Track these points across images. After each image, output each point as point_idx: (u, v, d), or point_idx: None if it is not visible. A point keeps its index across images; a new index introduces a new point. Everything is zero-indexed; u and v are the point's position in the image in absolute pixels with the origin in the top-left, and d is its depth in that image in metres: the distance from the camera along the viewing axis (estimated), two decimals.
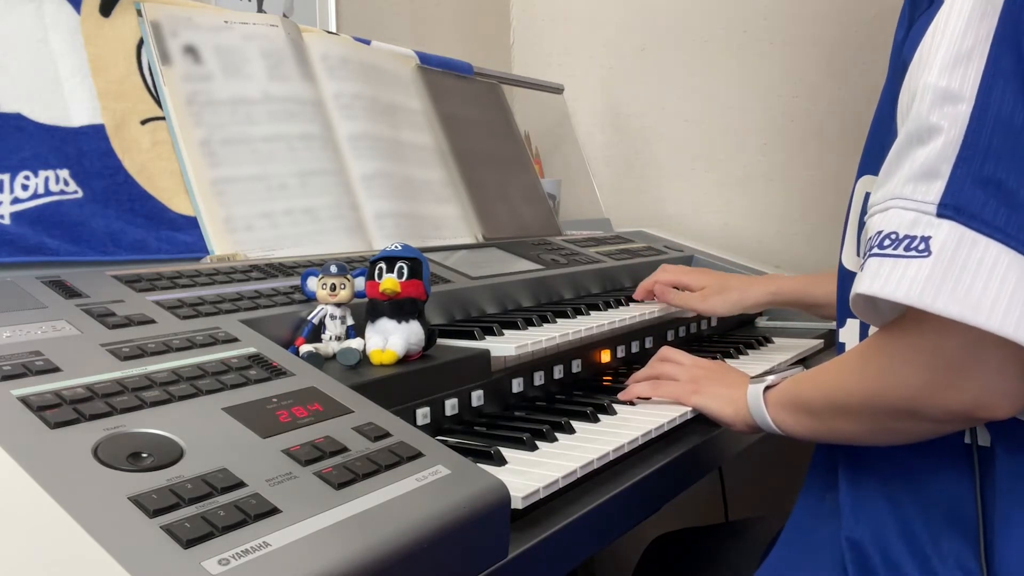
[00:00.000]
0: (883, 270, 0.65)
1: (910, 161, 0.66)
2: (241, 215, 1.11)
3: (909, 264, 0.63)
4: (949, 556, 0.73)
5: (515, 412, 0.98)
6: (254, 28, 1.23)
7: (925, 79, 0.67)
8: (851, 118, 1.83)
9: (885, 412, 0.74)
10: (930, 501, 0.76)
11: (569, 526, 0.73)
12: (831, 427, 0.81)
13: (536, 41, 2.23)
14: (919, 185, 0.65)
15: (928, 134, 0.65)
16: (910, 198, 0.65)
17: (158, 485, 0.52)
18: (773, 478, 1.79)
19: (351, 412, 0.68)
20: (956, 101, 0.65)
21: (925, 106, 0.66)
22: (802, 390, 0.86)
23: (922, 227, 0.64)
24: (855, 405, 0.76)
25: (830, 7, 1.83)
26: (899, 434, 0.76)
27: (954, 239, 0.62)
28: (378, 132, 1.35)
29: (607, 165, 2.14)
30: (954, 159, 0.64)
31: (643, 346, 1.29)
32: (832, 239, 1.84)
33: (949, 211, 0.63)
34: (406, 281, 0.86)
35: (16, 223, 0.93)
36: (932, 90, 0.66)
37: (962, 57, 0.65)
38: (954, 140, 0.64)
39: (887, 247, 0.65)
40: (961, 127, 0.64)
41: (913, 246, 0.64)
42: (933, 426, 0.73)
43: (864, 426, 0.77)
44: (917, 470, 0.78)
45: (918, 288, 0.63)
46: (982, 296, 0.61)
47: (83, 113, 1.02)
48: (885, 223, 0.66)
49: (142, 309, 0.80)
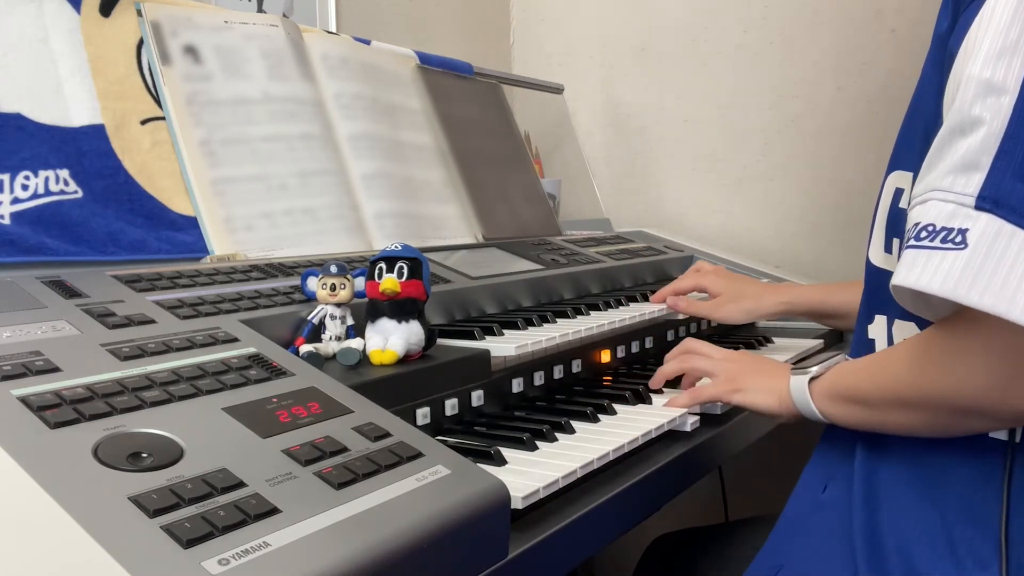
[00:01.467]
0: (919, 262, 0.64)
1: (951, 153, 0.66)
2: (241, 215, 1.11)
3: (945, 256, 0.63)
4: (966, 548, 0.73)
5: (515, 412, 0.98)
6: (254, 28, 1.23)
7: (969, 70, 0.66)
8: (851, 118, 1.83)
9: (948, 409, 0.73)
10: (950, 495, 0.76)
11: (569, 526, 0.73)
12: (886, 419, 0.79)
13: (536, 41, 2.23)
14: (959, 177, 0.64)
15: (970, 126, 0.65)
16: (949, 190, 0.65)
17: (158, 485, 0.52)
18: (773, 478, 1.79)
19: (351, 412, 0.68)
20: (999, 93, 0.64)
21: (968, 97, 0.65)
22: (856, 382, 0.84)
23: (960, 219, 0.63)
24: (917, 400, 0.75)
25: (830, 7, 1.83)
26: (958, 429, 0.75)
27: (991, 232, 0.62)
28: (378, 132, 1.35)
29: (607, 165, 2.14)
30: (995, 151, 0.63)
31: (643, 346, 1.29)
32: (832, 239, 1.85)
33: (988, 204, 0.63)
34: (406, 281, 0.86)
35: (16, 223, 0.93)
36: (975, 81, 0.65)
37: (1007, 49, 0.65)
38: (996, 132, 0.63)
39: (924, 239, 0.65)
40: (1003, 119, 0.63)
41: (950, 238, 0.63)
42: (995, 423, 0.73)
43: (922, 420, 0.76)
44: (937, 463, 0.77)
45: (952, 280, 0.62)
46: (1017, 290, 0.60)
47: (83, 113, 1.02)
48: (923, 215, 0.66)
49: (142, 309, 0.80)
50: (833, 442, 0.90)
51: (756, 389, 0.96)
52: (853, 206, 1.82)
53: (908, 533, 0.77)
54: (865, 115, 1.82)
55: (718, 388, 0.99)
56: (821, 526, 0.85)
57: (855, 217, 1.81)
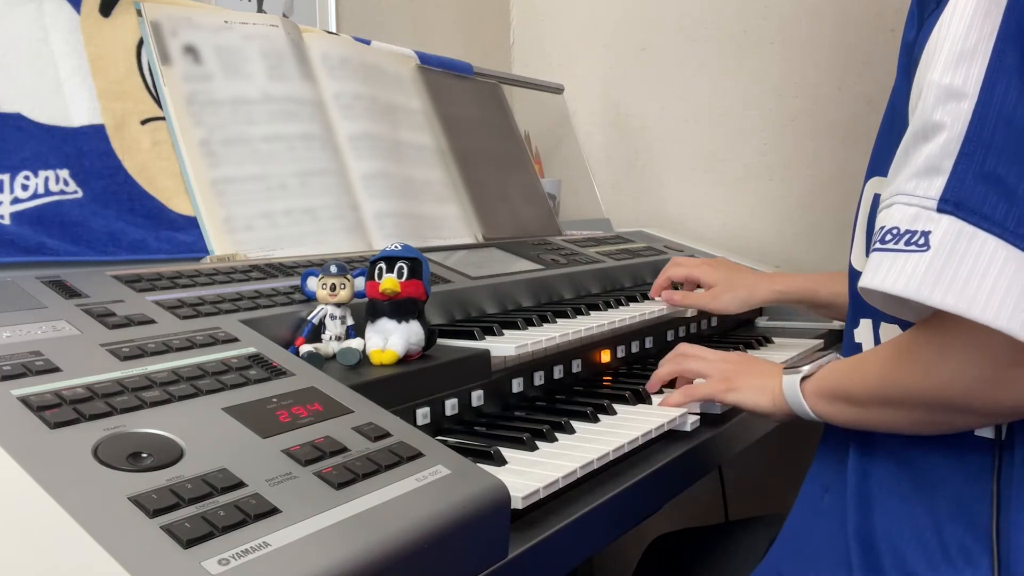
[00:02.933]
0: (884, 264, 0.66)
1: (914, 158, 0.67)
2: (241, 215, 1.11)
3: (909, 258, 0.64)
4: (957, 547, 0.74)
5: (515, 412, 0.98)
6: (254, 28, 1.23)
7: (930, 76, 0.67)
8: (851, 118, 1.83)
9: (936, 406, 0.73)
10: (939, 495, 0.76)
11: (569, 526, 0.73)
12: (875, 418, 0.80)
13: (536, 41, 2.23)
14: (921, 181, 0.66)
15: (932, 131, 0.66)
16: (912, 194, 0.66)
17: (158, 485, 0.52)
18: (773, 478, 1.79)
19: (351, 412, 0.68)
20: (959, 98, 0.65)
21: (929, 103, 0.67)
22: (846, 382, 0.84)
23: (922, 222, 0.65)
24: (905, 398, 0.76)
25: (830, 7, 1.83)
26: (944, 426, 0.76)
27: (953, 233, 0.63)
28: (378, 132, 1.35)
29: (607, 165, 2.14)
30: (956, 155, 0.64)
31: (643, 346, 1.29)
32: (832, 239, 1.85)
33: (949, 206, 0.64)
34: (406, 281, 0.86)
35: (16, 223, 0.93)
36: (936, 87, 0.66)
37: (965, 54, 0.66)
38: (956, 136, 0.65)
39: (888, 242, 0.66)
40: (963, 124, 0.65)
41: (913, 240, 0.65)
42: (982, 419, 0.73)
43: (910, 418, 0.77)
44: (927, 465, 0.78)
45: (916, 281, 0.64)
46: (978, 289, 0.62)
47: (83, 113, 1.02)
48: (888, 218, 0.67)
49: (142, 309, 0.80)
50: (829, 448, 0.90)
51: (749, 388, 0.97)
52: (853, 206, 1.81)
53: (900, 534, 0.77)
54: (865, 115, 1.81)
55: (712, 387, 1.00)
56: (820, 532, 0.85)
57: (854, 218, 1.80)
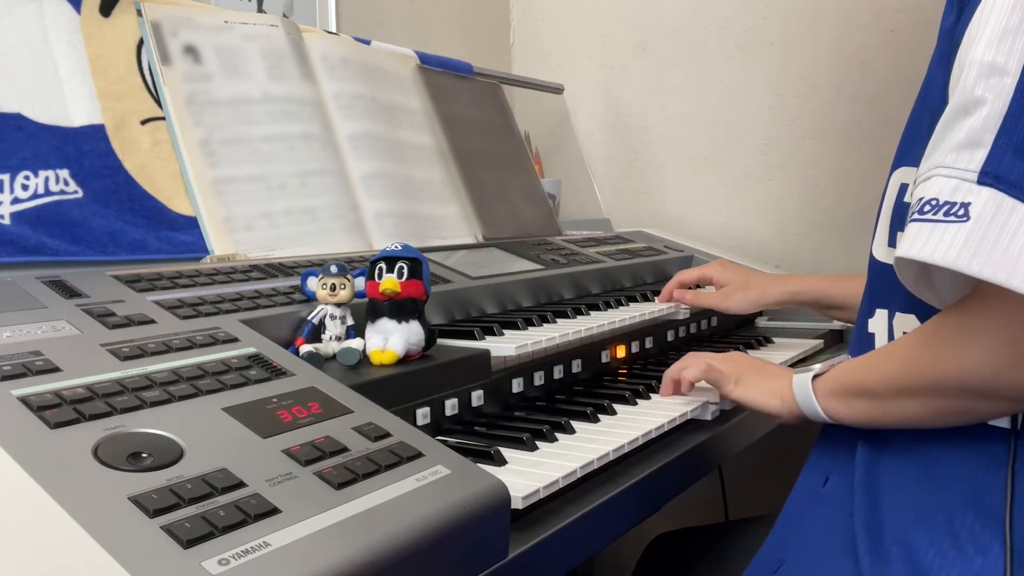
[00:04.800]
0: (922, 234, 0.66)
1: (955, 132, 0.67)
2: (241, 215, 1.11)
3: (948, 228, 0.65)
4: (967, 534, 0.73)
5: (515, 412, 0.98)
6: (254, 28, 1.23)
7: (972, 54, 0.68)
8: (851, 118, 1.83)
9: (958, 393, 0.73)
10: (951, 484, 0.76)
11: (569, 526, 0.73)
12: (893, 411, 0.80)
13: (536, 41, 2.23)
14: (962, 154, 0.66)
15: (973, 105, 0.67)
16: (953, 166, 0.66)
17: (158, 485, 0.52)
18: (773, 478, 1.79)
19: (351, 412, 0.68)
20: (1002, 74, 0.66)
21: (971, 79, 0.67)
22: (862, 376, 0.84)
23: (962, 194, 0.65)
24: (926, 386, 0.75)
25: (830, 7, 1.83)
26: (965, 415, 0.75)
27: (993, 205, 0.64)
28: (378, 132, 1.35)
29: (607, 165, 2.14)
30: (997, 129, 0.65)
31: (643, 346, 1.29)
32: (832, 239, 1.85)
33: (990, 179, 0.64)
34: (406, 281, 0.86)
35: (16, 223, 0.93)
36: (978, 64, 0.67)
37: (1009, 32, 0.66)
38: (998, 111, 0.65)
39: (927, 212, 0.66)
40: (1005, 99, 0.65)
41: (953, 211, 0.65)
42: (1006, 405, 0.73)
43: (931, 408, 0.76)
44: (937, 451, 0.78)
45: (955, 251, 0.64)
46: (1018, 260, 0.62)
47: (83, 113, 1.02)
48: (927, 190, 0.67)
49: (142, 309, 0.80)
50: (833, 438, 0.90)
51: (756, 387, 0.96)
52: (853, 206, 1.82)
53: (908, 520, 0.77)
54: (865, 115, 1.81)
55: (723, 377, 0.99)
56: (822, 519, 0.85)
57: (855, 217, 1.81)
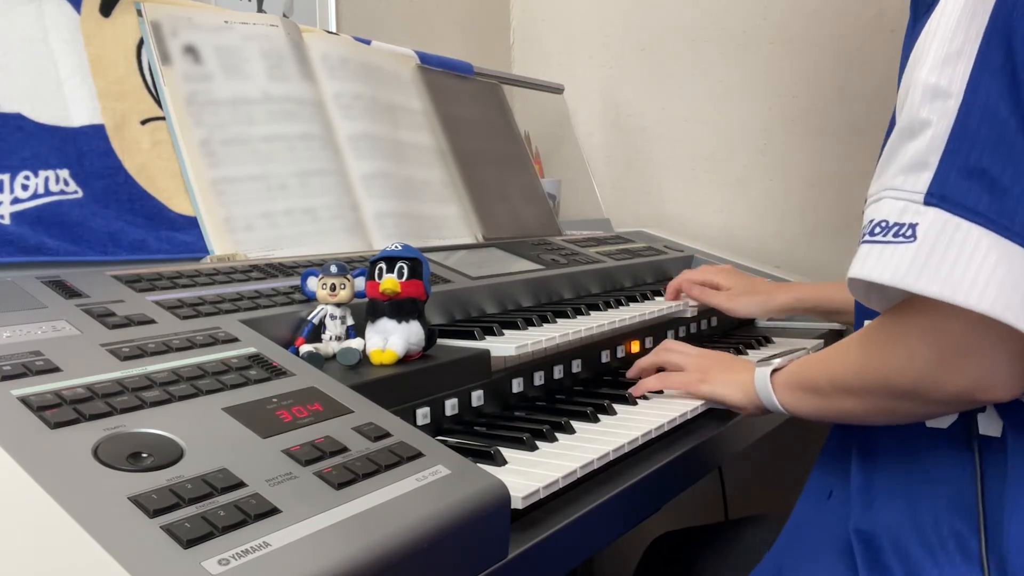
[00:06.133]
0: (872, 255, 0.68)
1: (902, 154, 0.69)
2: (241, 215, 1.11)
3: (896, 249, 0.67)
4: (955, 542, 0.75)
5: (515, 412, 0.98)
6: (254, 28, 1.23)
7: (917, 75, 0.70)
8: (851, 118, 1.83)
9: (888, 393, 0.76)
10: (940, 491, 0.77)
11: (569, 526, 0.73)
12: (835, 407, 0.84)
13: (536, 41, 2.23)
14: (909, 176, 0.68)
15: (919, 128, 0.68)
16: (901, 188, 0.68)
17: (158, 485, 0.52)
18: (773, 478, 1.79)
19: (351, 412, 0.68)
20: (945, 97, 0.67)
21: (916, 101, 0.69)
22: (808, 371, 0.89)
23: (910, 215, 0.67)
24: (859, 385, 0.79)
25: (830, 7, 1.83)
26: (900, 415, 0.79)
27: (938, 224, 0.65)
28: (378, 132, 1.35)
29: (607, 165, 2.14)
30: (941, 151, 0.67)
31: (643, 346, 1.29)
32: (831, 239, 1.85)
33: (935, 199, 0.66)
34: (406, 281, 0.86)
35: (16, 223, 0.93)
36: (923, 86, 0.69)
37: (952, 56, 0.68)
38: (942, 133, 0.67)
39: (877, 234, 0.69)
40: (949, 121, 0.67)
41: (901, 232, 0.67)
42: (934, 408, 0.76)
43: (867, 405, 0.80)
44: (929, 461, 0.79)
45: (902, 270, 0.66)
46: (963, 276, 0.64)
47: (83, 113, 1.02)
48: (877, 212, 0.70)
49: (142, 309, 0.80)
50: (833, 452, 0.92)
51: (723, 382, 1.01)
52: (853, 206, 1.82)
53: (902, 530, 0.78)
54: (865, 115, 1.81)
55: (688, 378, 1.04)
56: (822, 529, 0.86)
57: (855, 217, 1.80)
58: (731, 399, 1.00)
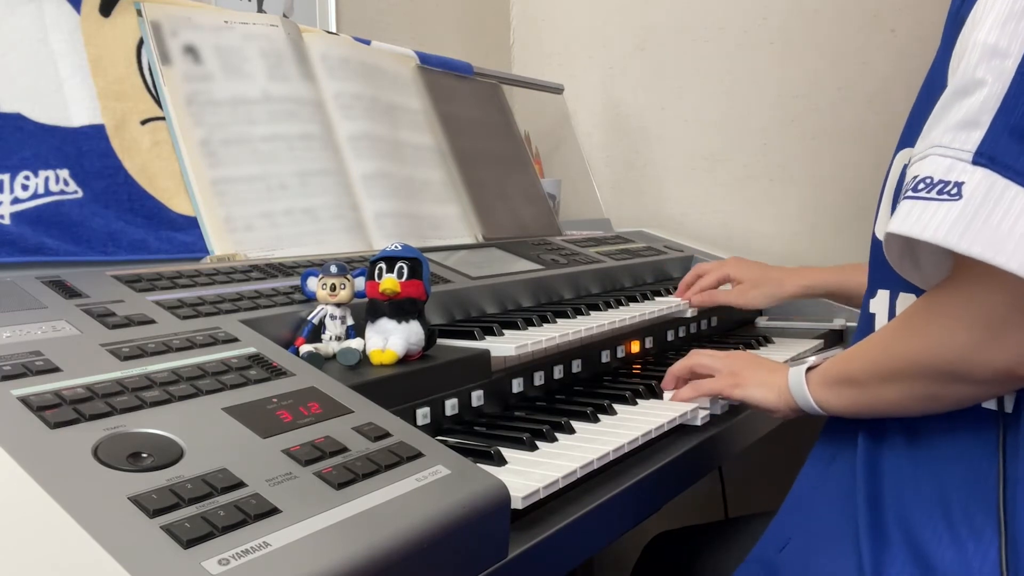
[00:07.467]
0: (914, 211, 0.66)
1: (953, 112, 0.68)
2: (241, 215, 1.11)
3: (940, 206, 0.65)
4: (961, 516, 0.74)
5: (515, 412, 0.98)
6: (254, 28, 1.23)
7: (975, 37, 0.68)
8: (851, 118, 1.83)
9: (931, 374, 0.74)
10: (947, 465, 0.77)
11: (569, 526, 0.73)
12: (875, 397, 0.81)
13: (536, 41, 2.23)
14: (959, 134, 0.67)
15: (973, 87, 0.67)
16: (949, 146, 0.67)
17: (158, 485, 0.52)
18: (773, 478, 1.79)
19: (351, 412, 0.68)
20: (1003, 56, 0.66)
21: (973, 61, 0.67)
22: (845, 364, 0.86)
23: (957, 173, 0.65)
24: (901, 369, 0.77)
25: (830, 7, 1.83)
26: (943, 400, 0.76)
27: (985, 185, 0.64)
28: (378, 132, 1.35)
29: (607, 165, 2.14)
30: (995, 111, 0.65)
31: (643, 346, 1.29)
32: (831, 238, 1.85)
33: (984, 159, 0.65)
34: (406, 281, 0.86)
35: (16, 223, 0.93)
36: (981, 45, 0.67)
37: (1014, 15, 0.67)
38: (997, 93, 0.66)
39: (921, 191, 0.67)
40: (1005, 81, 0.65)
41: (946, 190, 0.65)
42: (977, 388, 0.73)
43: (907, 392, 0.77)
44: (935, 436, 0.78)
45: (945, 229, 0.64)
46: (1007, 239, 0.62)
47: (83, 113, 1.02)
48: (922, 169, 0.68)
49: (142, 309, 0.80)
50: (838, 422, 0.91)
51: (756, 384, 0.98)
52: (853, 206, 1.82)
53: (907, 503, 0.78)
54: (865, 115, 1.81)
55: (720, 383, 1.01)
56: (827, 499, 0.86)
57: (855, 217, 1.80)
58: (765, 402, 0.96)
